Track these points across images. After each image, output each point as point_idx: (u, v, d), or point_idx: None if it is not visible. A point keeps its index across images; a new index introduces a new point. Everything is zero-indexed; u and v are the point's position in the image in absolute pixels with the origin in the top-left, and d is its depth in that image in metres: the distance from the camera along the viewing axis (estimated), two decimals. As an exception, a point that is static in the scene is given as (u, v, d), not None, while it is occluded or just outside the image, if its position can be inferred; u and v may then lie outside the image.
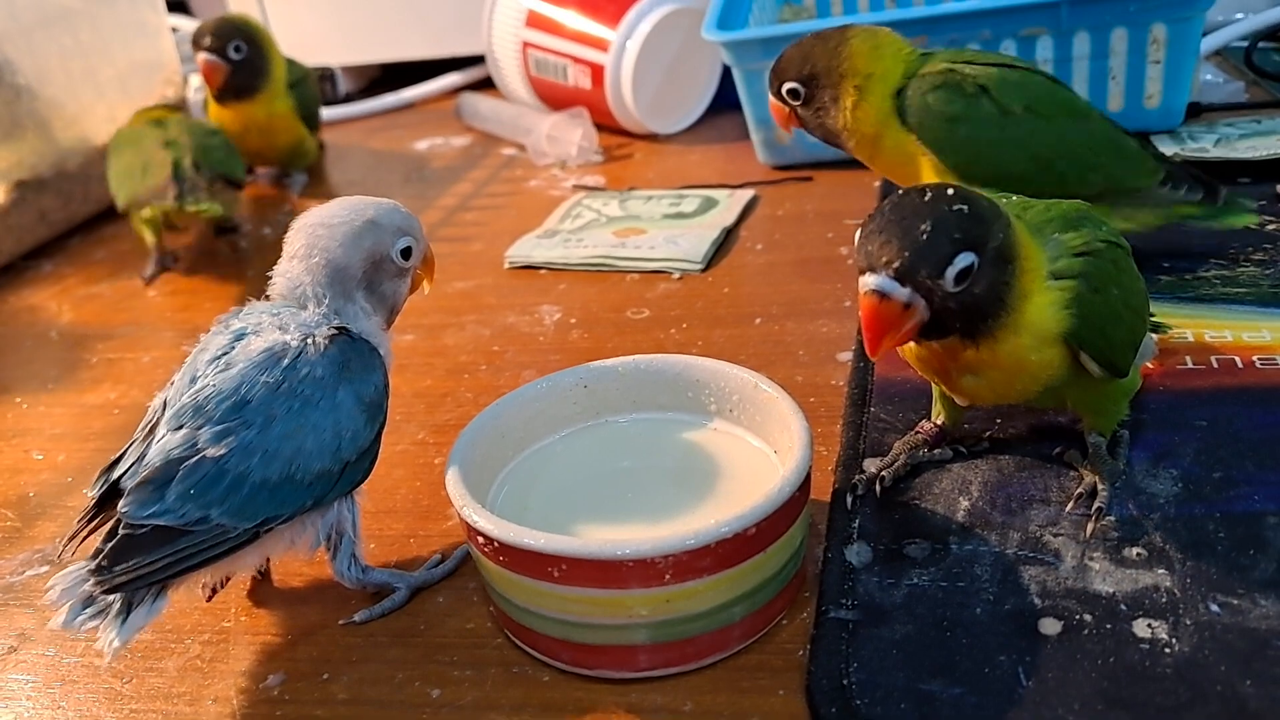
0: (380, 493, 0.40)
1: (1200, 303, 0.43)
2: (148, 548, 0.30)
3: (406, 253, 0.35)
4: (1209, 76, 0.70)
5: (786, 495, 0.29)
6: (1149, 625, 0.28)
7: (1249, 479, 0.33)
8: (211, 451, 0.31)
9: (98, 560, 0.30)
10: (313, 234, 0.34)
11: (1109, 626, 0.29)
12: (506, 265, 0.59)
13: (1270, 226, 0.48)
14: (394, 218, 0.34)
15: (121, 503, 0.30)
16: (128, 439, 0.46)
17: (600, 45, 0.75)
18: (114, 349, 0.56)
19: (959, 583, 0.31)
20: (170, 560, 0.30)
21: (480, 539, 0.29)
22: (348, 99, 0.98)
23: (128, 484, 0.31)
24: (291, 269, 0.34)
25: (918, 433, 0.37)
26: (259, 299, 0.35)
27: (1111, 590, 0.30)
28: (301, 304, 0.34)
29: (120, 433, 0.47)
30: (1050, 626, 0.29)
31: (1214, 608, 0.29)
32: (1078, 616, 0.29)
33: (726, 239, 0.58)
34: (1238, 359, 0.39)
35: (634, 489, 0.34)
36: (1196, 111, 0.63)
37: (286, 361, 0.32)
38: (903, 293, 0.28)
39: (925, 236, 0.28)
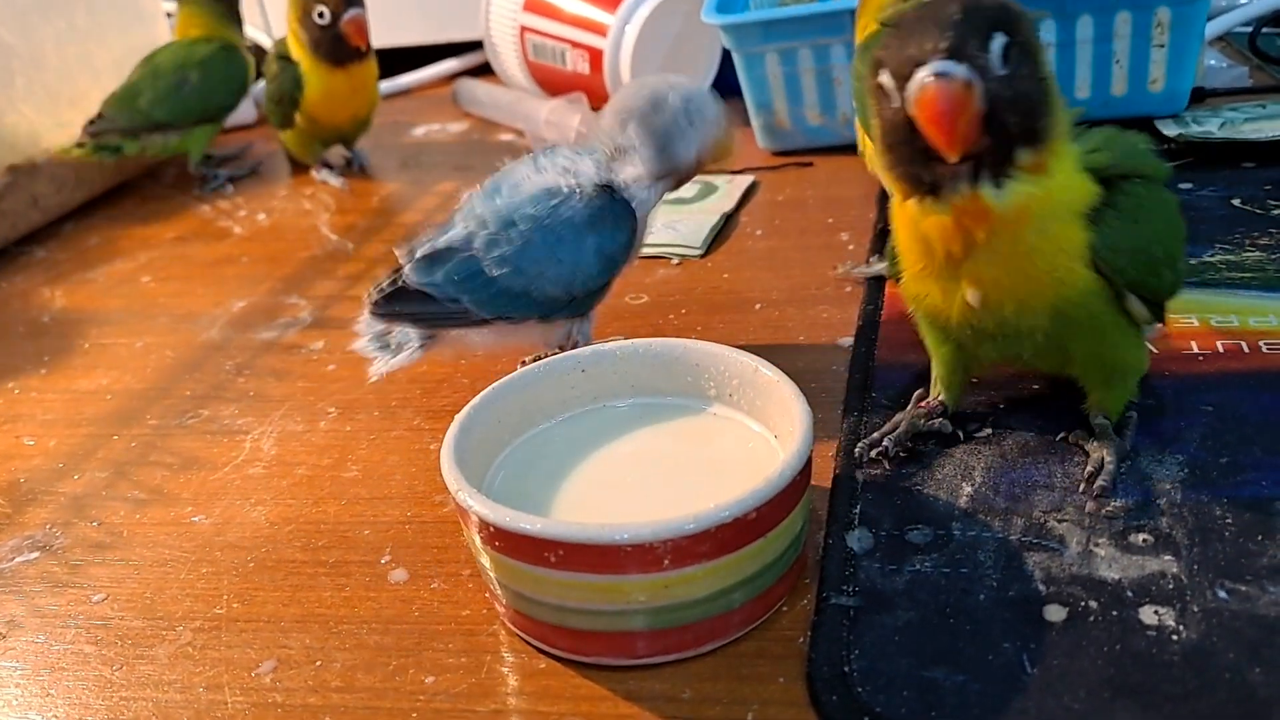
0: (376, 479, 0.40)
1: (1206, 287, 0.43)
2: (411, 302, 0.40)
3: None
4: (1213, 61, 0.70)
5: (787, 480, 0.28)
6: (1156, 612, 0.28)
7: (1256, 464, 0.33)
8: (479, 252, 0.39)
9: (375, 297, 0.40)
10: (648, 101, 0.40)
11: (1115, 613, 0.28)
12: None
13: (1276, 211, 0.48)
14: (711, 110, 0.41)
15: (406, 266, 0.40)
16: (120, 425, 0.46)
17: (599, 30, 0.74)
18: (107, 335, 0.55)
19: (962, 569, 0.30)
20: (421, 316, 0.40)
21: (475, 524, 0.29)
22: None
23: (415, 248, 0.40)
24: (604, 122, 0.41)
25: (919, 406, 0.36)
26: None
27: (1117, 577, 0.29)
28: (593, 153, 0.41)
29: (113, 419, 0.47)
30: (1055, 613, 0.28)
31: (1222, 594, 0.28)
32: (1083, 603, 0.29)
33: (726, 224, 0.58)
34: (1244, 344, 0.39)
35: (632, 474, 0.33)
36: (1201, 96, 0.63)
37: (554, 202, 0.39)
38: (960, 69, 0.28)
39: (959, 18, 0.28)
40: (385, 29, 0.95)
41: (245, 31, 0.81)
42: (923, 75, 0.28)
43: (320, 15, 0.67)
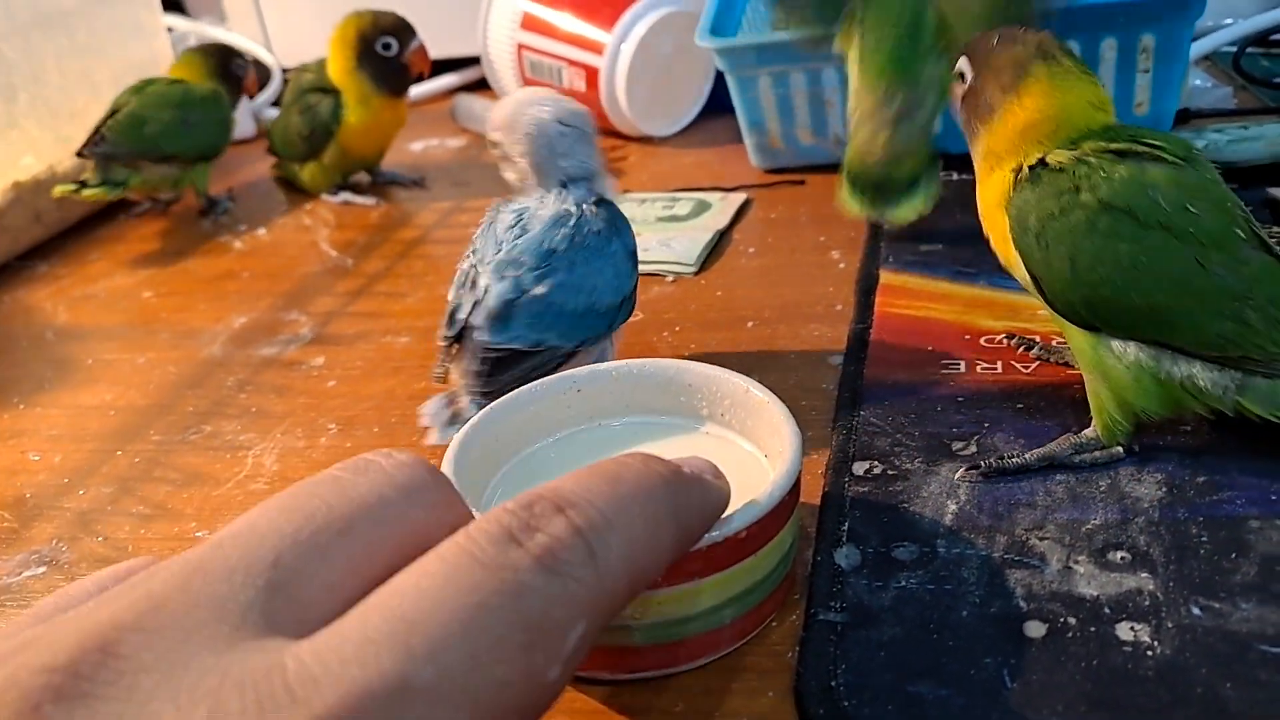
0: (375, 495, 0.40)
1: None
2: (508, 366, 0.40)
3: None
4: (1197, 82, 0.71)
5: (777, 499, 0.29)
6: (1132, 628, 0.29)
7: (1232, 484, 0.34)
8: (538, 290, 0.40)
9: (478, 377, 0.40)
10: (545, 140, 0.42)
11: (1093, 629, 0.29)
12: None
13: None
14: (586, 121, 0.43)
15: (478, 334, 0.40)
16: (124, 441, 0.47)
17: (595, 48, 0.75)
18: (110, 350, 0.56)
19: (946, 585, 0.31)
20: (523, 373, 0.39)
21: None
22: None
23: (475, 322, 0.40)
24: (532, 166, 0.43)
25: (1081, 439, 0.36)
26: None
27: (1095, 593, 0.30)
28: (549, 189, 0.43)
29: (117, 434, 0.47)
30: (1035, 629, 0.29)
31: (1196, 611, 0.29)
32: (1062, 619, 0.30)
33: (719, 242, 0.59)
34: (1223, 364, 0.40)
35: None
36: (1186, 117, 0.64)
37: (573, 222, 0.41)
38: None
39: None
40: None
41: (244, 47, 0.82)
42: None
43: (386, 47, 0.69)
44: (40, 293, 0.65)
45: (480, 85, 0.92)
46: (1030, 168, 0.36)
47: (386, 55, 0.69)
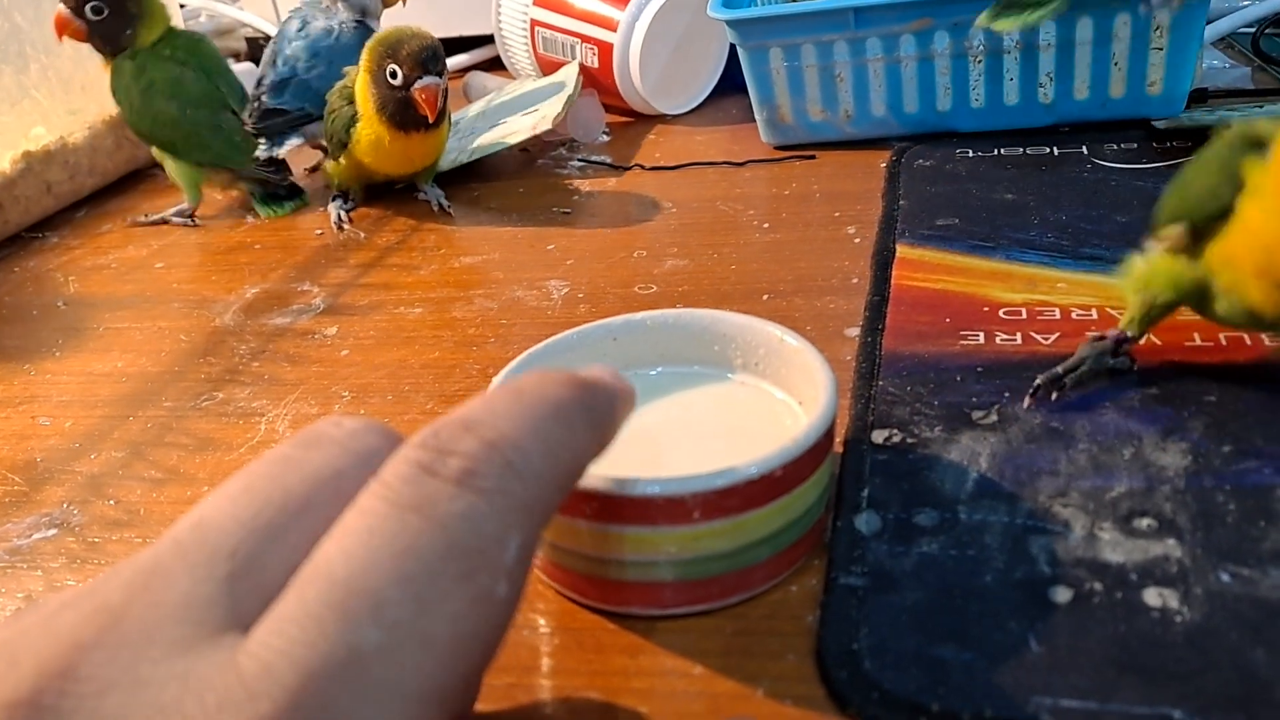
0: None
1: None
2: (276, 117, 0.66)
3: None
4: (1215, 62, 0.71)
5: (812, 440, 0.29)
6: (1160, 594, 0.29)
7: (1258, 453, 0.33)
8: (307, 77, 0.67)
9: (256, 125, 0.66)
10: None
11: (1119, 595, 0.29)
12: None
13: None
14: None
15: (264, 98, 0.66)
16: (136, 407, 0.47)
17: (608, 25, 0.74)
18: (121, 319, 0.56)
19: (969, 551, 0.31)
20: (284, 125, 0.66)
21: None
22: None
23: (262, 91, 0.67)
24: None
25: (1103, 337, 0.38)
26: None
27: (1121, 560, 0.30)
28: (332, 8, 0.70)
29: (128, 400, 0.47)
30: (1061, 594, 0.29)
31: (1224, 577, 0.29)
32: (1088, 585, 0.29)
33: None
34: (1246, 336, 0.39)
35: (663, 437, 0.34)
36: (1203, 97, 0.63)
37: (334, 35, 0.69)
38: None
39: None
40: (396, 22, 0.95)
41: (255, 25, 0.82)
42: None
43: (393, 74, 0.59)
44: (51, 263, 0.65)
45: (493, 64, 0.91)
46: None
47: (393, 84, 0.59)
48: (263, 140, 0.66)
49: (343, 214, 0.66)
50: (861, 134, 0.66)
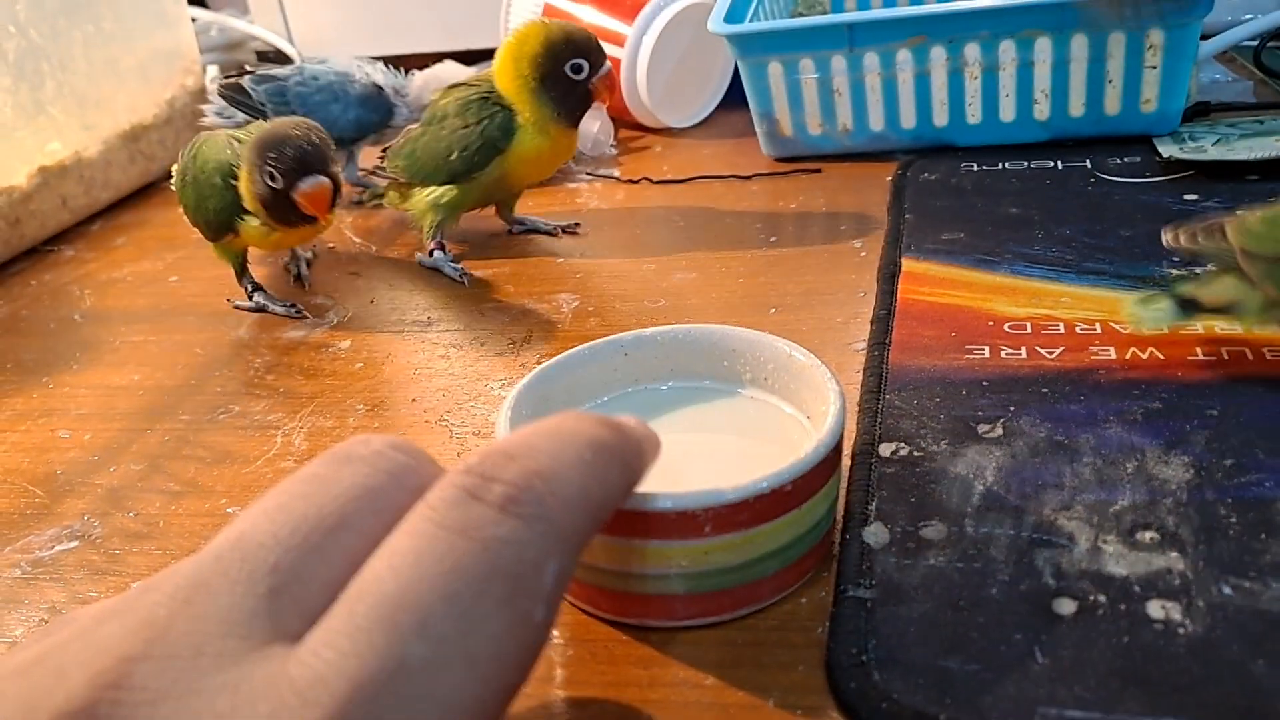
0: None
1: (1212, 296, 0.44)
2: (245, 96, 0.70)
3: None
4: (1217, 76, 0.71)
5: (822, 455, 0.30)
6: (1162, 606, 0.29)
7: (1259, 466, 0.34)
8: (288, 84, 0.69)
9: (222, 81, 0.71)
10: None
11: (1123, 607, 0.29)
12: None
13: None
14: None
15: (249, 78, 0.70)
16: (153, 420, 0.47)
17: (616, 40, 0.75)
18: (137, 333, 0.56)
19: (975, 564, 0.32)
20: (244, 106, 0.69)
21: None
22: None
23: (258, 72, 0.70)
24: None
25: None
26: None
27: (1125, 572, 0.30)
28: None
29: (146, 413, 0.48)
30: (1065, 607, 0.30)
31: (1226, 590, 0.29)
32: (1092, 597, 0.30)
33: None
34: (1248, 350, 0.40)
35: (674, 451, 0.34)
36: (1205, 111, 0.64)
37: (346, 78, 0.70)
38: None
39: None
40: (403, 37, 0.96)
41: (264, 38, 0.83)
42: None
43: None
44: (68, 276, 0.66)
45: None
46: None
47: (575, 79, 0.56)
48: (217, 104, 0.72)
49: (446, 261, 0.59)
50: (860, 148, 0.67)
